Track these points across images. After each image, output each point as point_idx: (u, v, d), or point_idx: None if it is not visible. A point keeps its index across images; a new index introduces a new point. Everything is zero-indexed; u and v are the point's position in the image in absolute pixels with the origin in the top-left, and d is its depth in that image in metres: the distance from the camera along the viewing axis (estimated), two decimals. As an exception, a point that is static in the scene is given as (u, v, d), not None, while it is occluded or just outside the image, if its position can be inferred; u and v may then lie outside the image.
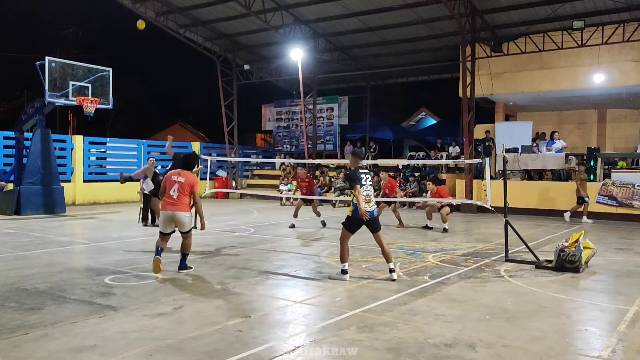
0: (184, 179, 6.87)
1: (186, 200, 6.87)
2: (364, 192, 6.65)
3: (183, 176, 6.92)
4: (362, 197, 6.57)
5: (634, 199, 14.49)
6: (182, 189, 6.82)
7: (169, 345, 4.29)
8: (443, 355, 4.14)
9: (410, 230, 12.25)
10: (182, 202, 6.83)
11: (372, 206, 6.72)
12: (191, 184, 6.87)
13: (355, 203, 6.55)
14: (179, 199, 6.81)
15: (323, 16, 19.52)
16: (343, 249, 6.74)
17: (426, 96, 26.90)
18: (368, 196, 6.69)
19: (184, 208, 6.86)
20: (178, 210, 6.81)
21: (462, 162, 17.20)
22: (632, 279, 7.11)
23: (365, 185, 6.71)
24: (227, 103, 23.56)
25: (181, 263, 7.07)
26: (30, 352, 4.13)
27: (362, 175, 6.78)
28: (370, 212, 6.64)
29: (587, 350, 4.38)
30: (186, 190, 6.84)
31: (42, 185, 14.75)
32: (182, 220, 6.86)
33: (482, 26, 17.48)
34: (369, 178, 6.86)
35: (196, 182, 6.98)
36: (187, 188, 6.84)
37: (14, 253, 8.54)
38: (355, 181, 6.64)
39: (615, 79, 16.51)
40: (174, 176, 6.94)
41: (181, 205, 6.82)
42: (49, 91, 14.06)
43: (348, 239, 6.76)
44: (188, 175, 6.93)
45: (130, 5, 19.85)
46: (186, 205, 6.88)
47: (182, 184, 6.84)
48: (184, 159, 7.21)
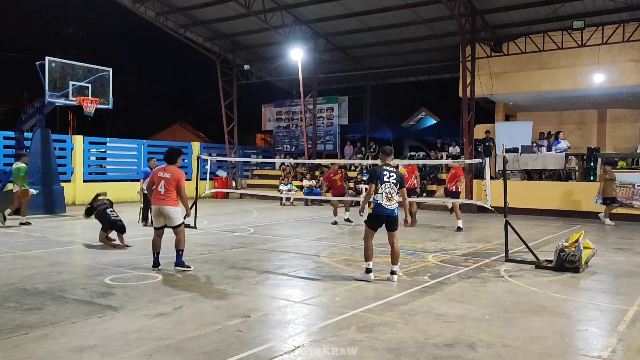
0: (169, 175, 7.07)
1: (173, 194, 7.04)
2: (386, 189, 6.55)
3: (168, 171, 7.11)
4: (381, 195, 6.51)
5: (634, 199, 14.49)
6: (168, 184, 7.01)
7: (169, 345, 4.29)
8: (443, 355, 4.14)
9: (410, 230, 12.24)
10: (169, 197, 7.00)
11: (393, 204, 6.60)
12: (176, 178, 7.07)
13: (376, 200, 6.54)
14: (166, 194, 7.00)
15: (323, 16, 19.52)
16: (367, 247, 6.66)
17: (426, 96, 26.86)
18: (390, 194, 6.57)
19: (171, 202, 7.02)
20: (165, 205, 7.00)
21: (462, 162, 17.20)
22: (632, 279, 7.10)
23: (387, 183, 6.58)
24: (227, 103, 23.55)
25: (177, 259, 7.16)
26: (30, 352, 4.13)
27: (386, 172, 6.64)
28: (391, 210, 6.58)
29: (587, 350, 4.38)
30: (172, 184, 7.02)
31: (42, 185, 14.75)
32: (169, 214, 7.02)
33: (482, 26, 17.47)
34: (394, 176, 6.65)
35: (181, 176, 7.16)
36: (173, 182, 7.02)
37: (14, 253, 8.54)
38: (372, 179, 6.60)
39: (615, 79, 16.50)
40: (160, 172, 7.15)
41: (168, 199, 6.99)
42: (49, 91, 14.05)
43: (371, 237, 6.67)
44: (173, 171, 7.12)
45: (130, 5, 19.85)
46: (173, 199, 7.05)
47: (167, 179, 7.04)
48: (168, 154, 7.37)
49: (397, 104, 27.67)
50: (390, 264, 6.81)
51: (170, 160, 7.26)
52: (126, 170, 21.25)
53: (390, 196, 6.58)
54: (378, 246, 9.43)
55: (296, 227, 12.55)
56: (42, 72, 13.99)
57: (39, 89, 15.01)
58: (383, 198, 6.54)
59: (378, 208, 6.53)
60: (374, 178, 6.60)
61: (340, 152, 25.11)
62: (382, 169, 6.66)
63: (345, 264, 7.87)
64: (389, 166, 6.78)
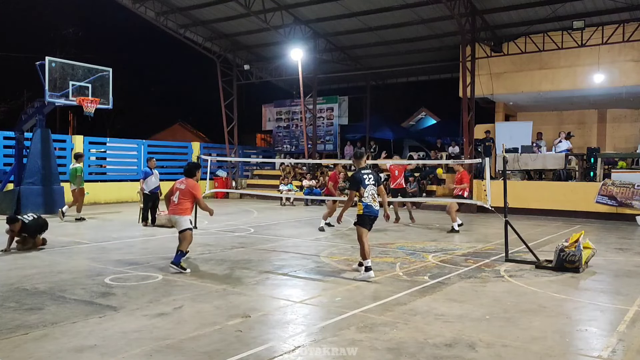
0: (184, 186, 7.51)
1: (186, 204, 7.44)
2: (370, 191, 6.81)
3: (184, 184, 7.54)
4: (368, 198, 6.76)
5: (634, 199, 14.48)
6: (183, 195, 7.45)
7: (169, 345, 4.29)
8: (443, 355, 4.14)
9: (410, 230, 12.25)
10: (181, 207, 7.42)
11: (376, 205, 6.88)
12: (190, 189, 7.49)
13: (365, 202, 6.75)
14: (179, 204, 7.43)
15: (323, 16, 19.52)
16: (363, 246, 6.81)
17: (426, 96, 26.85)
18: (373, 195, 6.86)
19: (181, 212, 7.41)
20: (175, 214, 7.44)
21: (462, 162, 17.19)
22: (632, 279, 7.11)
23: (370, 185, 6.84)
24: (227, 103, 23.55)
25: (175, 257, 7.29)
26: (30, 352, 4.13)
27: (365, 176, 6.89)
28: (377, 210, 6.87)
29: (587, 350, 4.38)
30: (187, 195, 7.43)
31: (42, 185, 14.74)
32: (177, 221, 7.47)
33: (482, 26, 17.47)
34: (372, 177, 6.93)
35: (195, 187, 7.55)
36: (188, 194, 7.45)
37: (14, 253, 8.54)
38: (356, 185, 6.80)
39: (615, 79, 16.50)
40: (178, 184, 7.63)
41: (179, 209, 7.41)
42: (49, 91, 14.04)
43: (366, 236, 6.86)
44: (189, 182, 7.56)
45: (130, 5, 19.85)
46: (185, 209, 7.44)
47: (182, 190, 7.48)
48: (187, 168, 7.84)
49: (397, 104, 27.66)
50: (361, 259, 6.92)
51: (189, 174, 7.67)
52: (126, 170, 21.24)
53: (374, 197, 6.88)
54: (378, 246, 9.46)
55: (296, 227, 12.54)
56: (42, 72, 13.98)
57: (39, 89, 14.99)
58: (370, 199, 6.82)
59: (369, 209, 6.82)
60: (357, 184, 6.82)
61: (340, 152, 25.11)
62: (361, 174, 6.90)
63: (345, 264, 7.87)
64: (365, 169, 7.05)
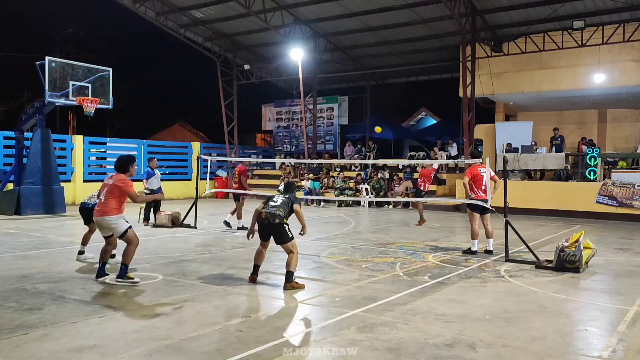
0: (112, 182, 6.50)
1: (113, 202, 6.40)
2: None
3: (112, 178, 6.55)
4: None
5: (634, 199, 14.48)
6: (110, 192, 6.45)
7: (169, 346, 4.29)
8: (443, 355, 4.14)
9: (410, 230, 12.25)
10: (107, 205, 6.39)
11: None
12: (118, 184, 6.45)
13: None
14: (105, 202, 6.42)
15: (323, 16, 19.52)
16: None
17: (426, 96, 26.87)
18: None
19: (107, 211, 6.37)
20: (100, 215, 6.41)
21: (463, 162, 17.21)
22: (632, 279, 7.10)
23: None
24: (227, 103, 23.56)
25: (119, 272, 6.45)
26: (30, 352, 4.13)
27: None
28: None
29: (587, 350, 4.37)
30: (114, 192, 6.42)
31: (42, 185, 14.75)
32: (107, 224, 6.41)
33: (482, 26, 17.48)
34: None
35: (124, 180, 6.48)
36: (115, 190, 6.42)
37: (14, 253, 8.53)
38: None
39: (616, 78, 16.51)
40: (106, 179, 6.63)
41: (105, 208, 6.38)
42: (49, 91, 14.04)
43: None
44: (117, 177, 6.53)
45: (130, 5, 19.86)
46: (111, 208, 6.39)
47: (109, 186, 6.48)
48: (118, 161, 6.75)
49: (397, 104, 27.68)
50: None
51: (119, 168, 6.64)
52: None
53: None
54: (378, 246, 9.47)
55: (296, 227, 12.51)
56: (42, 72, 13.98)
57: (39, 89, 15.00)
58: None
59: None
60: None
61: (340, 152, 25.11)
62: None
63: (345, 264, 7.86)
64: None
